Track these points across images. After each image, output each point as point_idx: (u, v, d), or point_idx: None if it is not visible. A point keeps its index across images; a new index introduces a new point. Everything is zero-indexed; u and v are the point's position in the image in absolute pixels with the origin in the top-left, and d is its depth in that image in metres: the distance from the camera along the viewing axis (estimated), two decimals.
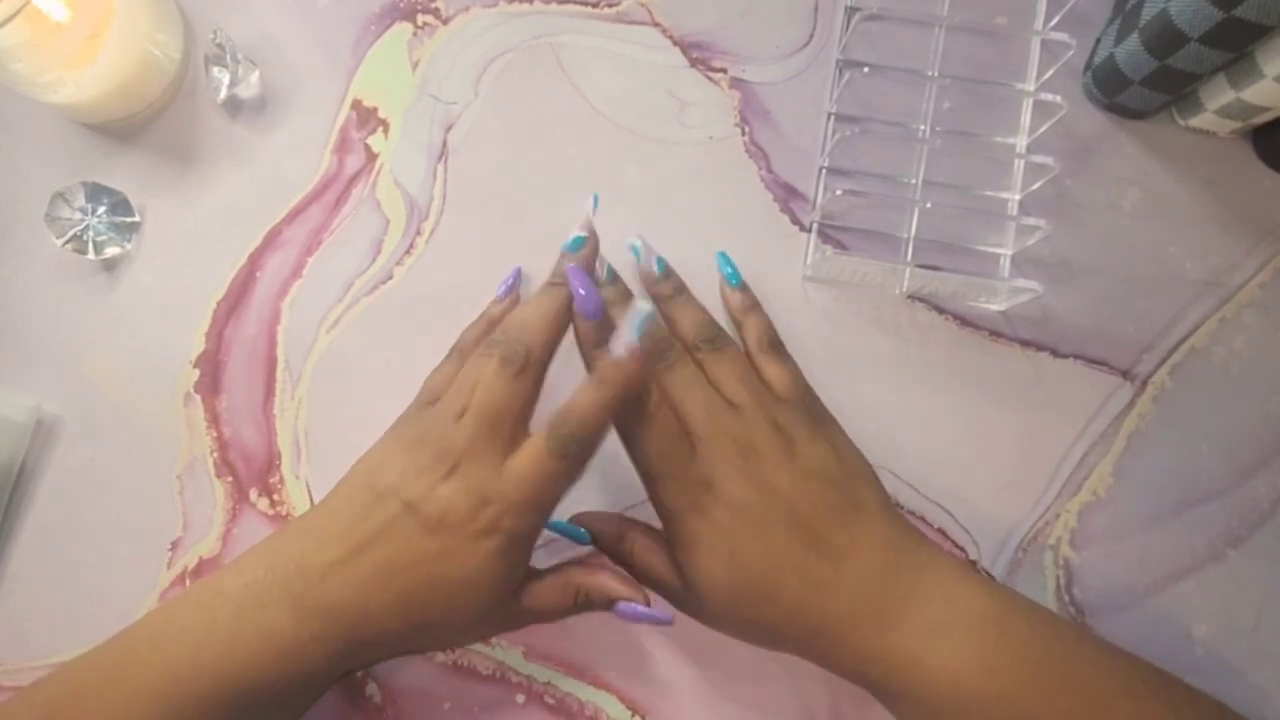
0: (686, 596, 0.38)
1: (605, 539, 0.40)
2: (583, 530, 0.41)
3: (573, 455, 0.36)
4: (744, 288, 0.44)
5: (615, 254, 0.43)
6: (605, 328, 0.38)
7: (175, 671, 0.34)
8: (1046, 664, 0.34)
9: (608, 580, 0.39)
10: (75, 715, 0.34)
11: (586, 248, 0.40)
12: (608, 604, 0.39)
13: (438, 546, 0.35)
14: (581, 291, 0.38)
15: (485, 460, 0.35)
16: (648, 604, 0.38)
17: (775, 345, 0.42)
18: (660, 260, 0.43)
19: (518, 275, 0.43)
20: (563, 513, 0.41)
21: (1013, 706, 0.33)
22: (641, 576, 0.40)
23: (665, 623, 0.38)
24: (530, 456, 0.35)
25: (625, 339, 0.36)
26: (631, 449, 0.39)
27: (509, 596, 0.37)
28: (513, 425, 0.36)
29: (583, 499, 0.43)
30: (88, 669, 0.35)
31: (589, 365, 0.39)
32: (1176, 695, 0.35)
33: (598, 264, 0.41)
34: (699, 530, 0.37)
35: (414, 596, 0.36)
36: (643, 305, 0.36)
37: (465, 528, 0.35)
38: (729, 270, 0.43)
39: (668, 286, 0.43)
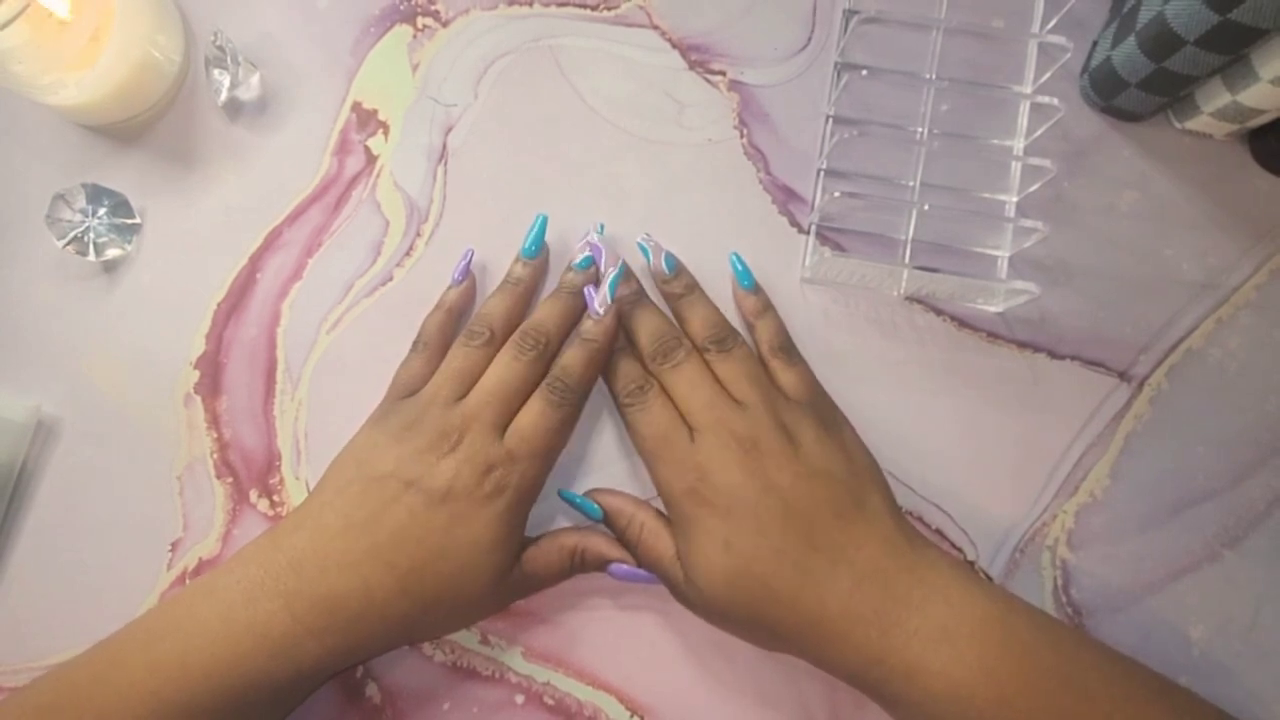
0: (686, 587, 0.38)
1: (616, 518, 0.41)
2: (596, 506, 0.41)
3: (568, 403, 0.40)
4: (757, 289, 0.44)
5: (622, 256, 0.44)
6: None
7: (165, 670, 0.34)
8: (1048, 668, 0.34)
9: (602, 542, 0.41)
10: (66, 715, 0.34)
11: (593, 268, 0.43)
12: (602, 565, 0.41)
13: (446, 515, 0.37)
14: (595, 299, 0.41)
15: (486, 434, 0.39)
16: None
17: (787, 348, 0.42)
18: (670, 258, 0.43)
19: (470, 257, 0.44)
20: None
21: (1013, 711, 0.34)
22: (645, 560, 0.40)
23: (654, 583, 0.41)
24: (534, 410, 0.39)
25: (601, 296, 0.41)
26: (633, 435, 0.41)
27: (513, 560, 0.39)
28: (518, 403, 0.40)
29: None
30: (79, 669, 0.36)
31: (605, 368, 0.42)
32: (1177, 701, 0.35)
33: (614, 263, 0.43)
34: (696, 515, 0.38)
35: (423, 569, 0.36)
36: (617, 265, 0.42)
37: (473, 494, 0.37)
38: (741, 271, 0.44)
39: (678, 285, 0.43)
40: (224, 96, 0.46)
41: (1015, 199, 0.46)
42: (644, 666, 0.42)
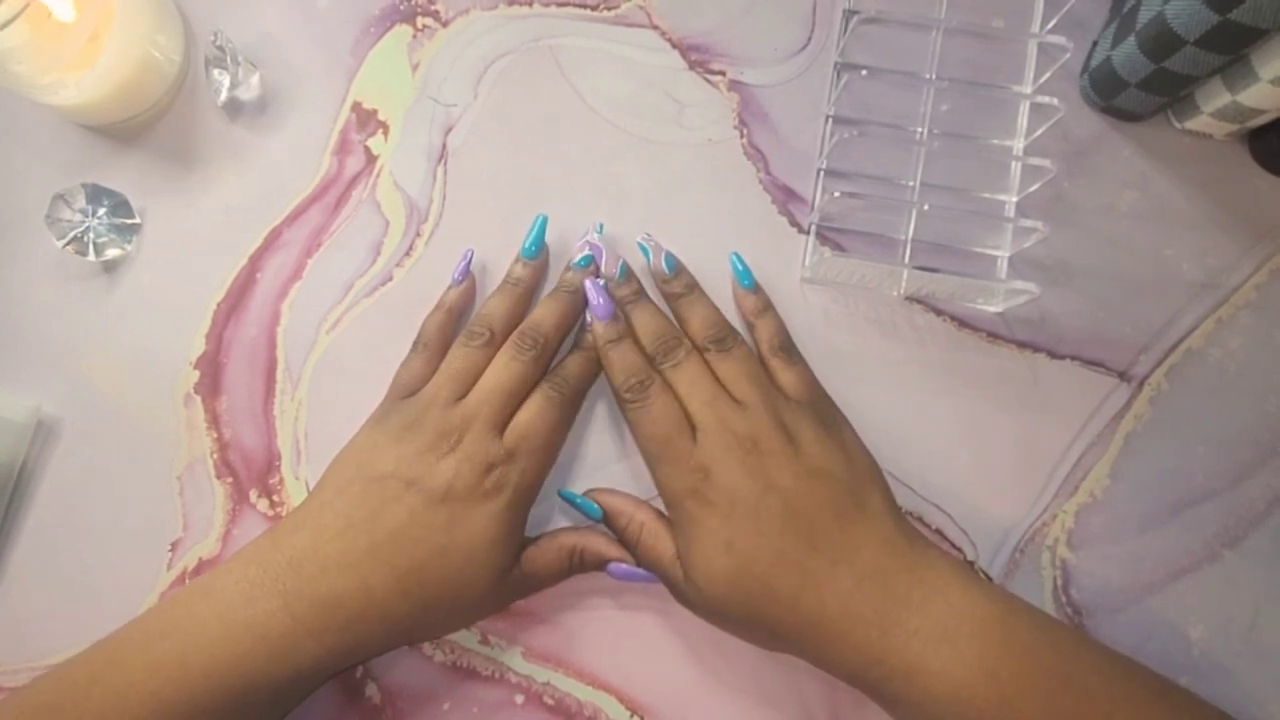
0: (686, 586, 0.38)
1: (616, 518, 0.41)
2: (595, 506, 0.41)
3: (568, 401, 0.41)
4: (757, 289, 0.44)
5: (622, 256, 0.44)
6: (618, 327, 0.42)
7: (164, 670, 0.34)
8: (1048, 669, 0.34)
9: (600, 541, 0.41)
10: (65, 715, 0.34)
11: (592, 266, 0.43)
12: (601, 564, 0.41)
13: (446, 515, 0.37)
14: (599, 301, 0.41)
15: (485, 433, 0.39)
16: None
17: (787, 347, 0.42)
18: (670, 258, 0.43)
19: (470, 257, 0.44)
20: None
21: (1014, 711, 0.34)
22: (644, 559, 0.40)
23: (653, 581, 0.41)
24: (534, 407, 0.40)
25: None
26: (635, 434, 0.41)
27: (512, 560, 0.39)
28: (517, 403, 0.40)
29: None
30: (78, 669, 0.36)
31: (606, 364, 0.42)
32: (1177, 701, 0.35)
33: (614, 263, 0.43)
34: (697, 516, 0.38)
35: (423, 569, 0.36)
36: (618, 264, 0.43)
37: (473, 493, 0.37)
38: (742, 270, 0.44)
39: (678, 285, 0.43)
40: (224, 96, 0.46)
41: (1015, 199, 0.46)
42: (644, 666, 0.42)
